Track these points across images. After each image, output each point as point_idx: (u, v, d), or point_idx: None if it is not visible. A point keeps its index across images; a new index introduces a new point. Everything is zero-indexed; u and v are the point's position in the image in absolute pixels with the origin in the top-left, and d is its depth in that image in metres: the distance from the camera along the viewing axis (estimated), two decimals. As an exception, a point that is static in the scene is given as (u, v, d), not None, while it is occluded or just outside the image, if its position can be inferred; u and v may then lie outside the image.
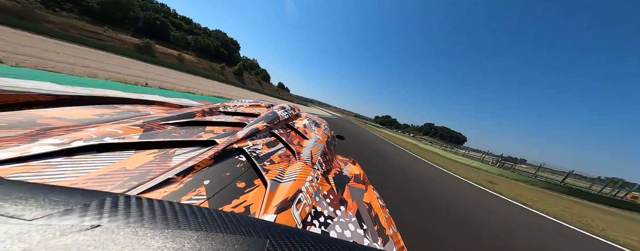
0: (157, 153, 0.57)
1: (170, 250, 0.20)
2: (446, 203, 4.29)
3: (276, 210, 0.49)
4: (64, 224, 0.20)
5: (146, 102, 1.21)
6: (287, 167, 0.74)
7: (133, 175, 0.47)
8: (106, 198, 0.24)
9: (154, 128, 0.71)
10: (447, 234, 2.80)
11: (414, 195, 4.21)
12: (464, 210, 4.12)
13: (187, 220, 0.24)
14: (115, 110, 0.91)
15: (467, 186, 7.02)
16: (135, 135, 0.62)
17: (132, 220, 0.22)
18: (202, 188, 0.50)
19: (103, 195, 0.25)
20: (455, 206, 4.19)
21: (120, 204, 0.24)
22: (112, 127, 0.62)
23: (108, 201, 0.24)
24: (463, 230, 3.10)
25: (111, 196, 0.25)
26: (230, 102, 1.37)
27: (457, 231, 2.98)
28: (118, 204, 0.24)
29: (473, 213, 4.02)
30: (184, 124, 0.82)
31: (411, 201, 3.74)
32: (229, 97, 11.76)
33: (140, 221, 0.22)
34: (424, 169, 8.27)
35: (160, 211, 0.24)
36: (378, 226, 0.68)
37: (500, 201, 5.91)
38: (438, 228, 2.90)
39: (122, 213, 0.23)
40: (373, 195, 0.89)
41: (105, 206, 0.23)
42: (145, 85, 8.19)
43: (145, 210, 0.24)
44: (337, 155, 1.48)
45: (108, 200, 0.24)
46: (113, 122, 0.70)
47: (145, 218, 0.23)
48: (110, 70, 9.98)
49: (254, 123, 0.92)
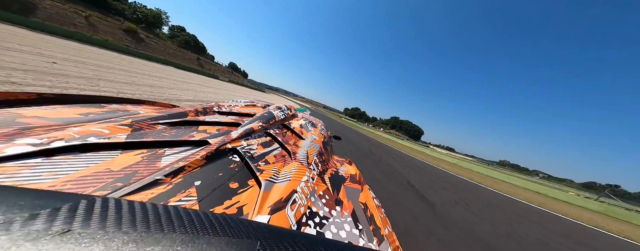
0: (145, 153, 0.55)
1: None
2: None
3: (270, 210, 0.48)
4: (27, 230, 0.18)
5: (136, 101, 1.18)
6: (282, 167, 0.73)
7: (118, 176, 0.44)
8: (80, 201, 0.22)
9: (143, 127, 0.68)
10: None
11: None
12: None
13: (170, 222, 0.22)
14: (101, 109, 0.88)
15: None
16: (122, 135, 0.59)
17: (109, 224, 0.20)
18: (192, 190, 0.48)
19: (77, 197, 0.23)
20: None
21: (96, 207, 0.22)
22: (98, 127, 0.59)
23: (82, 204, 0.22)
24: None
25: (86, 199, 0.23)
26: (225, 102, 1.35)
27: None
28: (93, 207, 0.22)
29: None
30: (175, 124, 0.80)
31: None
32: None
33: (117, 226, 0.21)
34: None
35: (141, 213, 0.23)
36: (373, 226, 0.68)
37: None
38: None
39: (97, 217, 0.21)
40: (369, 195, 0.89)
41: (79, 210, 0.21)
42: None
43: (124, 213, 0.22)
44: (334, 155, 1.47)
45: (82, 203, 0.22)
46: (99, 121, 0.67)
47: (124, 221, 0.21)
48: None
49: (249, 123, 0.91)
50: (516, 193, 11.34)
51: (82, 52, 10.29)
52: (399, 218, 3.12)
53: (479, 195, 7.49)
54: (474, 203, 5.65)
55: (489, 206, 5.97)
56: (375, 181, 4.80)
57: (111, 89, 4.98)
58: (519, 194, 11.42)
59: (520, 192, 12.62)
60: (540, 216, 6.79)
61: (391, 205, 3.57)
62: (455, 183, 8.76)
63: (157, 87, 7.64)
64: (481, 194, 7.69)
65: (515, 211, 6.48)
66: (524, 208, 7.59)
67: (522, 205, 8.03)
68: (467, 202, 5.63)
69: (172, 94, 7.13)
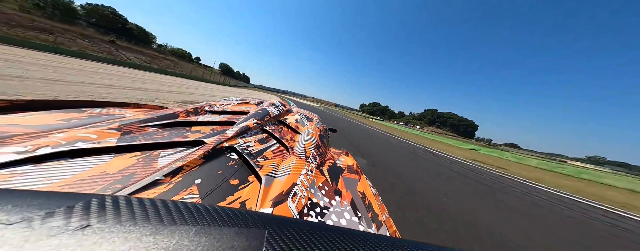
0: (139, 155, 0.54)
1: (168, 246, 0.19)
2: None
3: (272, 204, 0.49)
4: (48, 226, 0.19)
5: (120, 105, 1.13)
6: (281, 162, 0.73)
7: (116, 178, 0.43)
8: (92, 200, 0.23)
9: (132, 131, 0.66)
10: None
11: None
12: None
13: (182, 216, 0.23)
14: (83, 114, 0.83)
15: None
16: (112, 139, 0.57)
17: (124, 219, 0.21)
18: (194, 188, 0.48)
19: (87, 196, 0.24)
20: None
21: (108, 204, 0.23)
22: (83, 132, 0.57)
23: (94, 202, 0.23)
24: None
25: (97, 198, 0.24)
26: (217, 101, 1.32)
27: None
28: (105, 204, 0.23)
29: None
30: (166, 125, 0.78)
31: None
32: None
33: (132, 220, 0.21)
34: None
35: (152, 209, 0.23)
36: (372, 213, 0.71)
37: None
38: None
39: (112, 213, 0.22)
40: (366, 184, 0.91)
41: (92, 207, 0.22)
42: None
43: (136, 208, 0.23)
44: (331, 147, 1.49)
45: (94, 201, 0.23)
46: (83, 127, 0.64)
47: (137, 216, 0.22)
48: None
49: (244, 121, 0.90)
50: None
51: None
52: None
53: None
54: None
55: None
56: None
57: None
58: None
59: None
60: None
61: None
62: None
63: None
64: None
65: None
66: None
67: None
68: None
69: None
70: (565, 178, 11.16)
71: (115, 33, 44.22)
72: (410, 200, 3.17)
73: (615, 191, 9.33)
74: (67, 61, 12.64)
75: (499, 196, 4.68)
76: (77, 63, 12.75)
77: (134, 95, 6.16)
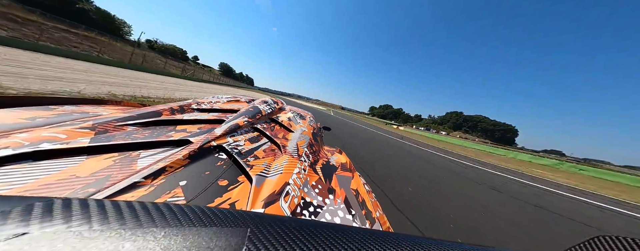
0: (116, 157, 0.49)
1: (130, 250, 0.18)
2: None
3: (264, 204, 0.47)
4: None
5: (96, 102, 1.04)
6: (273, 161, 0.71)
7: (88, 181, 0.39)
8: (34, 204, 0.20)
9: (108, 130, 0.61)
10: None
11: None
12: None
13: (150, 217, 0.22)
14: (51, 112, 0.76)
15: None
16: (84, 139, 0.52)
17: (77, 224, 0.19)
18: (178, 190, 0.44)
19: (28, 200, 0.21)
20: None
21: (56, 208, 0.20)
22: (50, 131, 0.51)
23: (38, 206, 0.20)
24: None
25: (43, 201, 0.21)
26: (205, 99, 1.25)
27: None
28: (53, 208, 0.20)
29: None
30: (148, 124, 0.72)
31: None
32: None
33: (87, 224, 0.19)
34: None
35: (114, 211, 0.21)
36: (365, 210, 0.71)
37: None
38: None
39: (60, 218, 0.19)
40: (359, 181, 0.91)
41: (34, 213, 0.19)
42: None
43: (93, 212, 0.21)
44: (324, 145, 1.47)
45: (38, 206, 0.20)
46: (51, 126, 0.58)
47: (93, 220, 0.20)
48: None
49: (234, 119, 0.86)
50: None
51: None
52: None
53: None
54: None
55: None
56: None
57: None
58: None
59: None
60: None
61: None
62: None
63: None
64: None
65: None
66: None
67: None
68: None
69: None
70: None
71: (59, 15, 31.24)
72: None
73: None
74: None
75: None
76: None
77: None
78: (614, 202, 6.47)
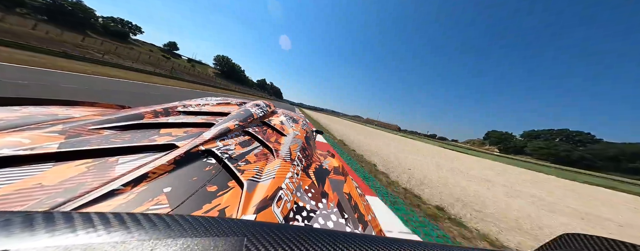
0: (90, 163, 0.44)
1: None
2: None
3: (255, 210, 0.45)
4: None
5: (67, 103, 0.96)
6: (265, 165, 0.69)
7: (56, 190, 0.35)
8: (11, 219, 0.18)
9: (82, 134, 0.55)
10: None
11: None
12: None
13: (140, 228, 0.20)
14: (14, 113, 0.68)
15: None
16: (51, 144, 0.46)
17: (61, 238, 0.17)
18: (162, 197, 0.41)
19: (4, 214, 0.19)
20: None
21: (37, 222, 0.19)
22: (12, 136, 0.46)
23: (16, 221, 0.18)
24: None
25: (19, 216, 0.19)
26: (193, 101, 1.20)
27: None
28: (33, 223, 0.18)
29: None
30: (128, 128, 0.67)
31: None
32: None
33: (72, 238, 0.18)
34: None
35: (100, 222, 0.20)
36: (358, 213, 0.71)
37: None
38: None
39: (43, 232, 0.18)
40: (352, 184, 0.91)
41: (13, 228, 0.18)
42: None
43: (77, 224, 0.19)
44: (317, 149, 1.46)
45: (16, 220, 0.18)
46: (12, 129, 0.52)
47: (79, 233, 0.18)
48: None
49: (224, 123, 0.83)
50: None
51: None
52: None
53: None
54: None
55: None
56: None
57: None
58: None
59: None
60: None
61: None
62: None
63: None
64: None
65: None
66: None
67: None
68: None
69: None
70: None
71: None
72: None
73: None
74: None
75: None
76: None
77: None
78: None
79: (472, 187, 7.61)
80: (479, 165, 19.74)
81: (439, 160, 15.07)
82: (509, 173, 17.06)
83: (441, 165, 12.14)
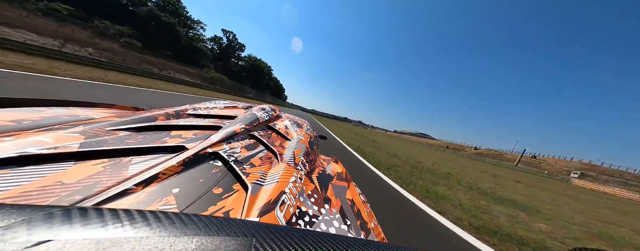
0: (107, 163, 0.47)
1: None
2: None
3: (259, 213, 0.46)
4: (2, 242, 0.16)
5: (87, 105, 1.02)
6: (269, 169, 0.70)
7: (75, 188, 0.37)
8: (54, 212, 0.20)
9: (99, 135, 0.59)
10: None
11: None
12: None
13: (161, 226, 0.22)
14: (39, 114, 0.73)
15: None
16: (73, 144, 0.50)
17: (94, 231, 0.19)
18: (170, 198, 0.43)
19: (46, 208, 0.21)
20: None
21: (74, 216, 0.21)
22: (37, 135, 0.49)
23: (57, 214, 0.20)
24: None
25: (60, 210, 0.21)
26: (202, 104, 1.24)
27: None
28: (71, 216, 0.20)
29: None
30: (142, 129, 0.71)
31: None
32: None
33: (104, 232, 0.19)
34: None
35: (126, 219, 0.22)
36: (360, 220, 0.70)
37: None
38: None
39: (79, 225, 0.19)
40: (355, 191, 0.91)
41: (54, 220, 0.19)
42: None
43: (107, 219, 0.21)
44: (320, 155, 1.47)
45: (57, 213, 0.20)
46: (38, 129, 0.56)
47: (109, 227, 0.20)
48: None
49: (231, 126, 0.85)
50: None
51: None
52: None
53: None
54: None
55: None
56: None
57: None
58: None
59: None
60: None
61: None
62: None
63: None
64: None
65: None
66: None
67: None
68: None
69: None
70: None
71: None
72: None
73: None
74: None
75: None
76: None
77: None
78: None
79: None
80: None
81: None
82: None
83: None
